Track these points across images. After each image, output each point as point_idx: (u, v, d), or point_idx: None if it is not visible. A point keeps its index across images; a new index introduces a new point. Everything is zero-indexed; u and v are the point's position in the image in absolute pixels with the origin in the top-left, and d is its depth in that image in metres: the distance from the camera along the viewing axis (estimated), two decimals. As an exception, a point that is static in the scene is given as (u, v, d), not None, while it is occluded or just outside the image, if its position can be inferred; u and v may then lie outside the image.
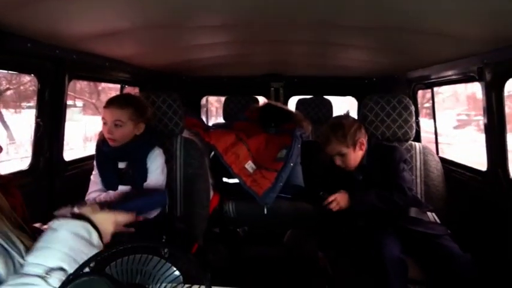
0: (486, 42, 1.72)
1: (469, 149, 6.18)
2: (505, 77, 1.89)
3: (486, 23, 1.45)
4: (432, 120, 3.04)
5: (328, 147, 2.04)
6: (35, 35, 1.56)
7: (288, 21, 1.67)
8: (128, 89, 2.87)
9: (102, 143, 1.88)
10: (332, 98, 3.60)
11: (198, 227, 2.16)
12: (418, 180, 2.31)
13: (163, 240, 1.76)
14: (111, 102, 1.82)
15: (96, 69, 2.26)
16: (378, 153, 2.08)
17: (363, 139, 2.06)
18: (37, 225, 1.06)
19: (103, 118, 1.82)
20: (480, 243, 2.06)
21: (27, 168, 1.93)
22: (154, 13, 1.49)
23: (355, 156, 2.05)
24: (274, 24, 1.73)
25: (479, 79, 2.00)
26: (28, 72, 2.01)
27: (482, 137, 2.12)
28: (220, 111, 3.70)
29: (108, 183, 1.86)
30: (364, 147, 2.06)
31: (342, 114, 2.36)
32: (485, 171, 2.13)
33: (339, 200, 1.95)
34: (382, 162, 2.05)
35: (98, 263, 0.71)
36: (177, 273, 0.72)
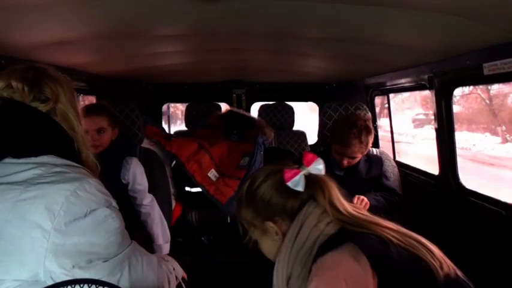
0: (435, 53, 1.80)
1: (428, 146, 6.42)
2: (452, 85, 1.98)
3: (434, 35, 1.51)
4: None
5: (347, 150, 1.96)
6: (-24, 44, 1.46)
7: (245, 31, 1.67)
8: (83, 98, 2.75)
9: None
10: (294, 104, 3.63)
11: None
12: (376, 184, 2.37)
13: None
14: (90, 111, 1.88)
15: None
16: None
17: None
18: None
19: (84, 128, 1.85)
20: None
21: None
22: (103, 24, 1.43)
23: None
24: (231, 35, 1.72)
25: (429, 87, 2.08)
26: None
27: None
28: (186, 115, 3.61)
29: None
30: None
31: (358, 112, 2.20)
32: (437, 175, 2.22)
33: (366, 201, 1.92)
34: None
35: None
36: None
